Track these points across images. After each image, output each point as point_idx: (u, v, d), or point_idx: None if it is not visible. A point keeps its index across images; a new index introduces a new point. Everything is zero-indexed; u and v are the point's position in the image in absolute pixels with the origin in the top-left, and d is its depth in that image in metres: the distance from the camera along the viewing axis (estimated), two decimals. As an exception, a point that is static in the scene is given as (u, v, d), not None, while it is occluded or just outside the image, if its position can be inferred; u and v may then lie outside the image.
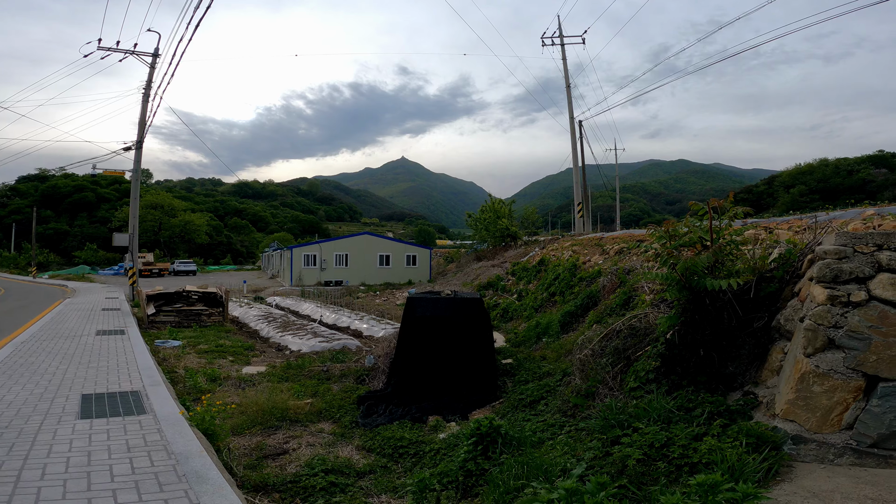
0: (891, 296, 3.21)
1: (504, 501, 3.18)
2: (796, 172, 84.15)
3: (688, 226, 4.89)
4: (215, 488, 3.34)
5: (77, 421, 4.70)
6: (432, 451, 5.08)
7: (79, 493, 3.10)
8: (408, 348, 7.50)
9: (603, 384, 5.37)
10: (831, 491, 3.02)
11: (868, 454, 3.27)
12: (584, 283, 12.71)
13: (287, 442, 5.78)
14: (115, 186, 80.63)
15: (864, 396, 3.25)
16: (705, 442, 3.43)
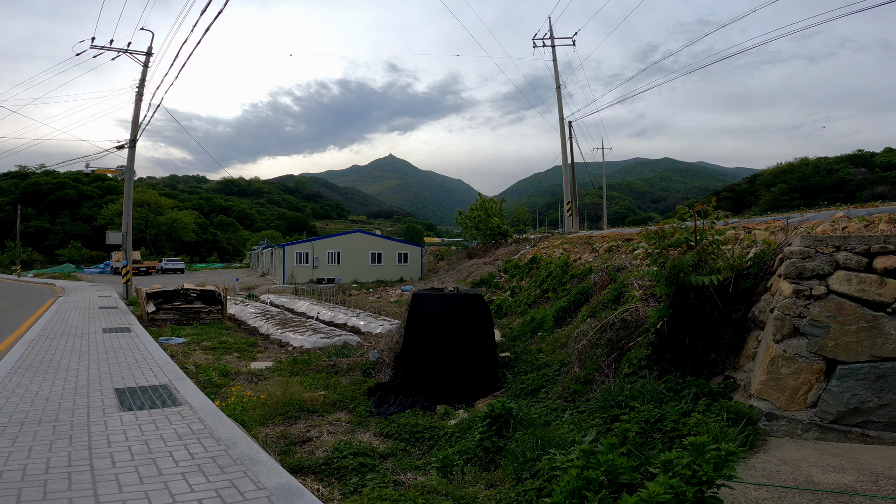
0: (846, 290, 3.78)
1: (524, 469, 3.68)
2: (777, 171, 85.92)
3: (674, 228, 5.45)
4: (269, 469, 3.79)
5: (121, 413, 5.08)
6: (446, 434, 5.57)
7: (153, 478, 3.51)
8: (414, 342, 7.98)
9: (599, 372, 5.92)
10: (799, 460, 3.59)
11: (830, 429, 3.84)
12: (576, 279, 13.30)
13: (309, 430, 6.22)
14: (98, 183, 79.40)
15: (826, 378, 3.82)
16: (693, 417, 3.98)
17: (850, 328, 3.70)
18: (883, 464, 3.43)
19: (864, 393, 3.68)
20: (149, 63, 19.02)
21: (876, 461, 3.48)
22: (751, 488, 3.20)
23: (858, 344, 3.68)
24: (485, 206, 31.97)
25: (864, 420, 3.73)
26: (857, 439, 3.76)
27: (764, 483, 3.26)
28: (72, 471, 3.58)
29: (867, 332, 3.65)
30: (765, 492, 3.16)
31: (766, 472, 3.43)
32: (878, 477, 3.23)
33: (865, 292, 3.71)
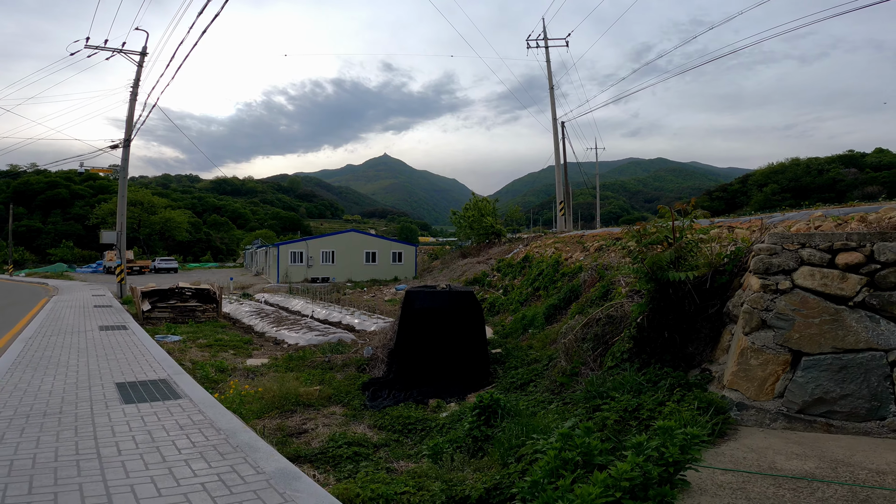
0: (810, 284, 4.03)
1: (509, 455, 3.91)
2: (769, 171, 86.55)
3: (655, 227, 5.70)
4: (268, 455, 3.99)
5: (123, 405, 5.26)
6: (438, 426, 5.79)
7: (158, 464, 3.70)
8: (407, 337, 8.19)
9: (585, 365, 6.17)
10: (765, 448, 3.83)
11: (796, 419, 4.09)
12: (567, 278, 13.56)
13: (305, 423, 6.42)
14: (90, 183, 79.00)
15: (791, 369, 4.07)
16: (668, 406, 4.22)
17: (814, 321, 3.95)
18: (843, 452, 3.68)
19: (828, 383, 3.93)
20: (143, 63, 19.09)
21: (837, 450, 3.73)
22: (718, 473, 3.44)
23: (822, 336, 3.93)
24: (478, 206, 32.21)
25: (828, 410, 3.98)
26: (822, 429, 4.01)
27: (730, 468, 3.50)
28: (80, 458, 3.76)
29: (830, 324, 3.91)
30: (730, 476, 3.39)
31: (734, 458, 3.67)
32: (836, 464, 3.47)
33: (828, 287, 3.96)
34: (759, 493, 3.10)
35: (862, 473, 3.30)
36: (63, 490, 3.20)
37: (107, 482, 3.35)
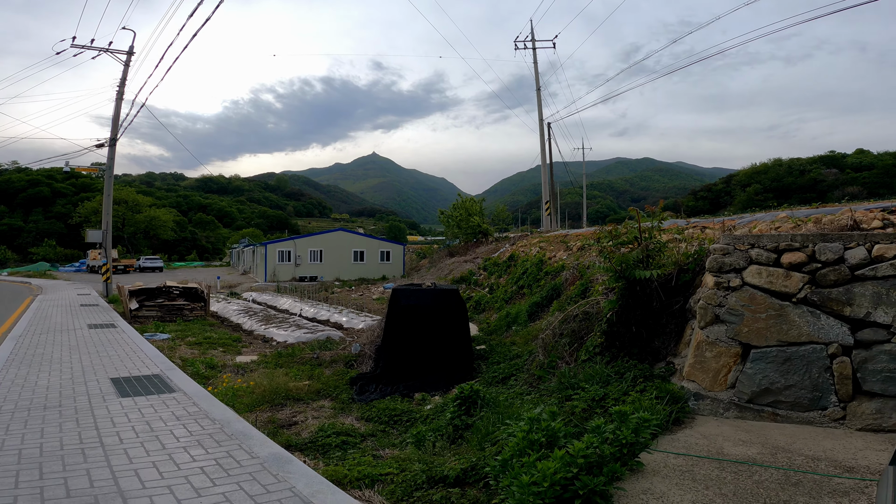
0: (758, 282, 4.42)
1: (486, 440, 4.24)
2: (752, 172, 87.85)
3: (626, 227, 6.08)
4: (261, 442, 4.28)
5: (120, 399, 5.49)
6: (422, 417, 6.12)
7: (158, 451, 3.96)
8: (394, 333, 8.50)
9: (561, 359, 6.53)
10: (716, 435, 4.21)
11: (746, 409, 4.47)
12: (550, 276, 13.96)
13: (295, 416, 6.70)
14: (72, 181, 77.77)
15: (742, 361, 4.46)
16: (631, 395, 4.60)
17: (761, 316, 4.34)
18: (785, 440, 4.06)
19: (774, 375, 4.32)
20: (130, 62, 19.07)
21: (780, 437, 4.11)
22: (671, 457, 3.81)
23: (768, 330, 4.32)
24: (466, 206, 32.56)
25: (774, 400, 4.37)
26: (769, 418, 4.39)
27: (682, 453, 3.87)
28: (84, 447, 4.01)
29: (775, 319, 4.30)
30: (682, 460, 3.76)
31: (687, 444, 4.04)
32: (777, 451, 3.85)
33: (773, 284, 4.35)
34: (704, 475, 3.46)
35: (798, 459, 3.67)
36: (72, 475, 3.45)
37: (112, 467, 3.61)
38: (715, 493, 3.18)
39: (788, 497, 3.10)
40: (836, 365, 4.12)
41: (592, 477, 2.92)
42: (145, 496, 3.15)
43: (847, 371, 4.10)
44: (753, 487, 3.25)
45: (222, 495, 3.22)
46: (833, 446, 3.87)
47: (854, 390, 4.11)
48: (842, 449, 3.81)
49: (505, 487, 2.94)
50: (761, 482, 3.34)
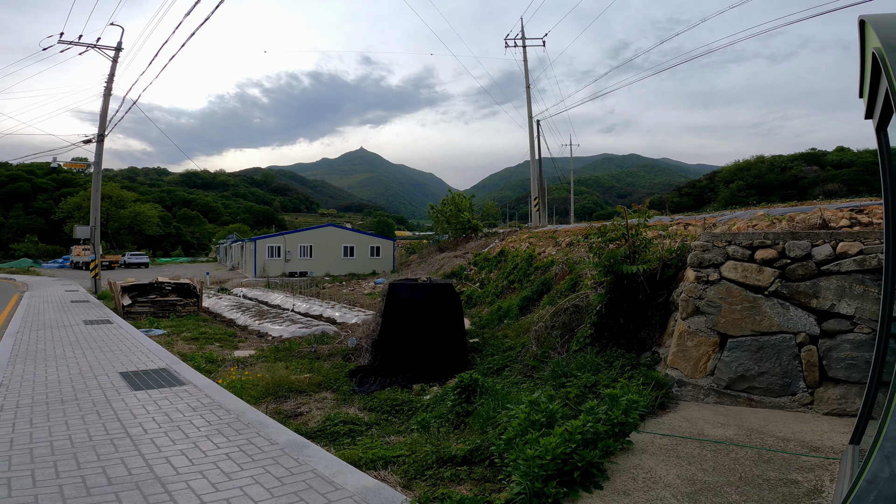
0: (734, 276, 4.82)
1: (487, 424, 4.58)
2: (735, 168, 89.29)
3: (614, 225, 6.46)
4: (277, 430, 4.57)
5: (134, 392, 5.72)
6: (423, 406, 6.44)
7: (183, 440, 4.23)
8: (391, 327, 8.80)
9: (553, 350, 6.91)
10: (697, 418, 4.60)
11: (724, 394, 4.87)
12: (540, 271, 14.37)
13: (299, 407, 6.97)
14: (53, 176, 76.28)
15: (720, 349, 4.86)
16: (619, 382, 4.98)
17: (737, 307, 4.74)
18: (759, 422, 4.45)
19: (748, 362, 4.72)
20: (118, 58, 18.92)
21: (754, 420, 4.51)
22: (657, 437, 4.19)
23: (743, 321, 4.72)
24: (455, 201, 32.87)
25: (749, 386, 4.77)
26: (745, 403, 4.80)
27: (667, 434, 4.25)
28: (112, 438, 4.26)
29: (749, 310, 4.70)
30: (667, 440, 4.13)
31: (671, 426, 4.43)
32: (751, 432, 4.25)
33: (748, 278, 4.75)
34: (687, 453, 3.84)
35: (770, 440, 4.07)
36: (108, 464, 3.71)
37: (144, 456, 3.88)
38: (697, 468, 3.57)
39: (761, 472, 3.48)
40: (803, 353, 4.53)
41: (589, 451, 3.28)
42: (181, 481, 3.43)
43: (814, 359, 4.52)
44: (730, 463, 3.64)
45: (251, 478, 3.51)
46: (801, 428, 4.28)
47: (820, 377, 4.53)
48: (809, 431, 4.22)
49: (511, 462, 3.28)
50: (737, 459, 3.73)
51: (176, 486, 3.30)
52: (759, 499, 3.08)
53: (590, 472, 3.22)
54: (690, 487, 3.27)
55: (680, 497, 3.15)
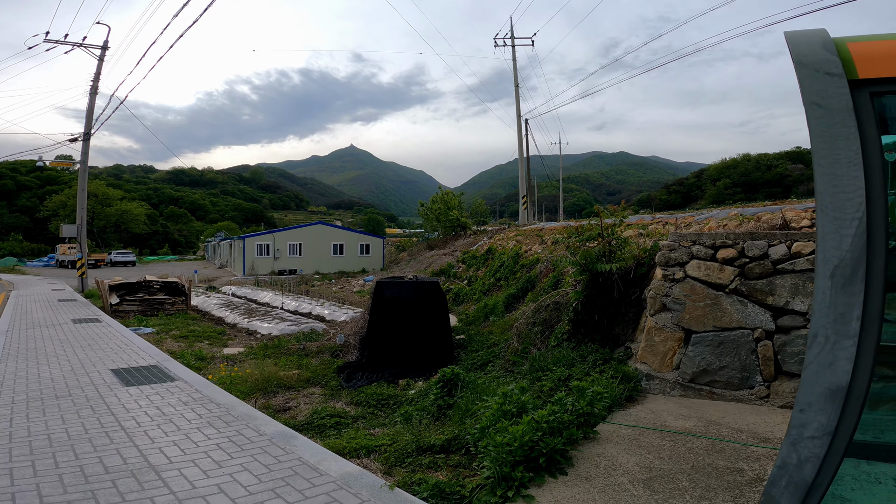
0: (697, 275, 5.13)
1: (466, 416, 4.85)
2: (722, 167, 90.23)
3: (590, 224, 6.75)
4: (266, 422, 4.79)
5: (126, 388, 5.90)
6: (408, 400, 6.70)
7: (175, 432, 4.43)
8: (378, 324, 9.04)
9: (533, 345, 7.20)
10: (662, 411, 4.90)
11: (689, 387, 5.18)
12: (525, 269, 14.68)
13: (287, 402, 7.19)
14: (37, 174, 75.17)
15: (685, 344, 5.17)
16: (591, 376, 5.27)
17: (700, 304, 5.05)
18: (718, 414, 4.76)
19: (710, 357, 5.03)
20: (104, 57, 18.85)
21: (714, 412, 4.81)
22: (622, 428, 4.48)
23: (705, 317, 5.03)
24: (445, 199, 33.10)
25: (711, 380, 5.08)
26: (707, 396, 5.11)
27: (632, 425, 4.55)
28: (107, 430, 4.45)
29: (711, 307, 5.01)
30: (631, 430, 4.43)
31: (637, 417, 4.72)
32: (709, 424, 4.55)
33: (710, 276, 5.06)
34: (648, 443, 4.13)
35: (726, 431, 4.37)
36: (104, 455, 3.90)
37: (138, 447, 4.08)
38: (654, 457, 3.86)
39: (712, 461, 3.78)
40: (760, 348, 4.85)
41: (554, 438, 3.55)
42: (174, 469, 3.65)
43: (769, 353, 4.84)
44: (685, 453, 3.93)
45: (240, 466, 3.73)
46: (756, 420, 4.59)
47: (776, 371, 4.86)
48: (763, 423, 4.54)
49: (483, 448, 3.55)
50: (692, 449, 4.02)
51: (169, 474, 3.52)
52: (707, 485, 3.37)
53: (554, 458, 3.49)
54: (647, 474, 3.55)
55: (636, 483, 3.43)
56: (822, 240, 1.82)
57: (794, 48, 2.08)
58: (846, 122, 1.84)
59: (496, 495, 3.20)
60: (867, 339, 1.86)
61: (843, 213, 1.78)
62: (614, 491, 3.34)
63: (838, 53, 2.02)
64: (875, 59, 2.00)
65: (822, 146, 1.84)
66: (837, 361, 1.86)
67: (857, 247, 1.76)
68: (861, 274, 1.77)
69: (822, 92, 1.93)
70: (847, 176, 1.80)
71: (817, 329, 1.86)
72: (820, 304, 1.86)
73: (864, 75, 1.98)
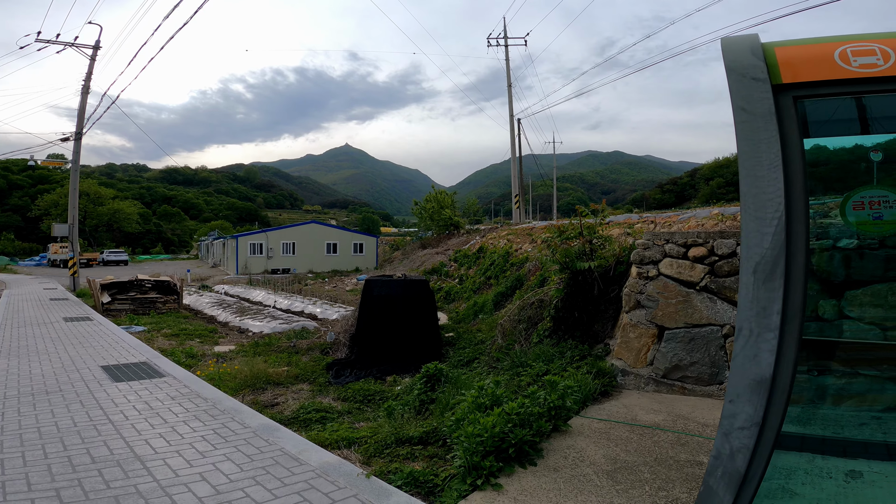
0: (670, 272, 5.31)
1: (446, 410, 5.00)
2: (715, 166, 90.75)
3: (571, 223, 6.93)
4: (251, 415, 4.93)
5: (115, 383, 6.02)
6: (394, 395, 6.84)
7: (162, 425, 4.56)
8: (367, 321, 9.18)
9: (517, 342, 7.37)
10: (634, 405, 5.06)
11: (662, 383, 5.35)
12: (515, 267, 14.86)
13: (276, 398, 7.32)
14: (29, 173, 74.73)
15: (658, 341, 5.34)
16: (569, 371, 5.44)
17: (672, 301, 5.23)
18: (687, 409, 4.92)
19: (682, 353, 5.21)
20: (96, 57, 18.85)
21: (683, 407, 4.97)
22: (595, 422, 4.64)
23: (677, 314, 5.21)
24: (438, 198, 33.25)
25: (683, 375, 5.25)
26: (679, 391, 5.27)
27: (604, 419, 4.71)
28: (95, 424, 4.58)
29: (682, 304, 5.19)
30: (602, 424, 4.59)
31: (610, 412, 4.88)
32: (678, 418, 4.71)
33: (682, 274, 5.24)
34: (617, 436, 4.30)
35: (692, 425, 4.53)
36: (91, 446, 4.03)
37: (125, 438, 4.21)
38: (622, 450, 4.02)
39: (675, 454, 3.94)
40: (728, 344, 5.03)
41: (523, 430, 3.72)
42: (159, 458, 3.79)
43: (738, 346, 5.02)
44: (651, 446, 4.10)
45: (223, 456, 3.88)
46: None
47: (745, 362, 5.04)
48: (730, 415, 4.72)
49: (456, 439, 3.71)
50: (658, 442, 4.18)
51: (154, 463, 3.65)
52: (667, 477, 3.54)
53: (524, 449, 3.65)
54: (612, 466, 3.72)
55: (600, 474, 3.59)
56: (746, 238, 1.99)
57: (725, 54, 2.20)
58: (768, 126, 1.99)
59: (466, 483, 3.36)
60: (789, 333, 2.01)
61: (764, 213, 1.94)
62: (579, 481, 3.50)
63: (765, 59, 2.13)
64: (798, 64, 2.12)
65: (745, 149, 1.99)
66: (761, 353, 2.01)
67: (777, 245, 1.92)
68: (780, 270, 1.93)
69: (747, 97, 2.07)
70: (768, 178, 1.95)
71: (742, 322, 2.02)
72: (744, 299, 2.02)
73: (788, 80, 2.11)
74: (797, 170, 1.97)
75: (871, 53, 2.08)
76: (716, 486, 2.20)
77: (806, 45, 2.24)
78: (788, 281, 1.93)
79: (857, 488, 3.06)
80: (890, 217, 3.20)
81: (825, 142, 3.52)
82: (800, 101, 2.08)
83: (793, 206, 1.95)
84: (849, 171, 3.67)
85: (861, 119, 3.10)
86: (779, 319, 1.94)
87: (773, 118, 1.98)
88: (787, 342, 1.97)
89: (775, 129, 1.96)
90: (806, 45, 2.24)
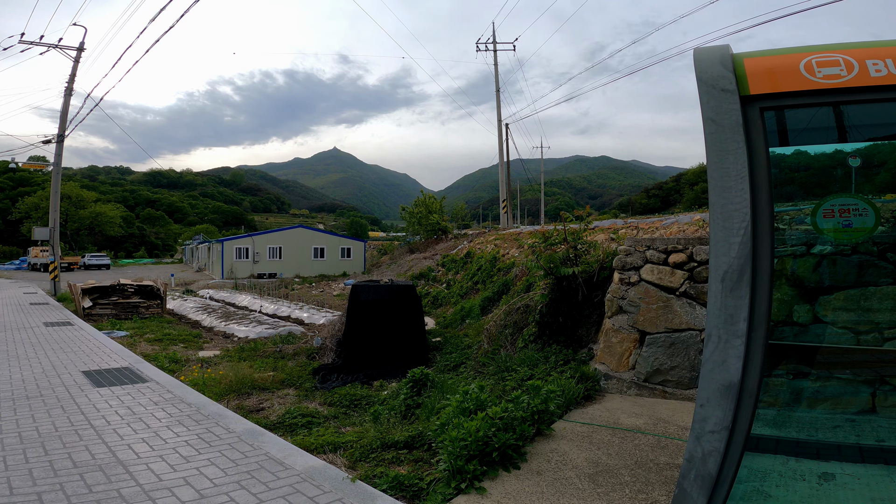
0: (651, 278, 5.44)
1: (432, 414, 5.05)
2: (700, 171, 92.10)
3: (555, 229, 7.04)
4: (235, 420, 4.92)
5: (97, 388, 5.95)
6: (380, 400, 6.85)
7: (145, 430, 4.53)
8: (354, 327, 9.18)
9: (503, 347, 7.44)
10: (616, 409, 5.16)
11: (643, 387, 5.45)
12: (502, 272, 14.97)
13: (261, 403, 7.28)
14: (9, 175, 73.18)
15: (640, 345, 5.46)
16: (553, 376, 5.52)
17: (653, 307, 5.35)
18: (668, 413, 5.03)
19: (662, 357, 5.33)
20: (80, 59, 18.63)
21: (664, 411, 5.08)
22: (577, 425, 4.73)
23: (658, 319, 5.33)
24: (426, 203, 33.31)
25: (664, 379, 5.37)
26: (660, 395, 5.38)
27: (587, 422, 4.80)
28: (76, 428, 4.54)
29: (663, 309, 5.31)
30: (585, 428, 4.67)
31: (592, 416, 4.97)
32: (658, 421, 4.81)
33: (662, 280, 5.37)
34: (599, 439, 4.38)
35: (672, 428, 4.64)
36: (73, 450, 4.00)
37: (107, 443, 4.18)
38: (603, 453, 4.11)
39: (655, 456, 4.04)
40: (708, 345, 5.17)
41: (506, 434, 3.78)
42: (142, 463, 3.77)
43: (717, 350, 5.15)
44: (632, 449, 4.19)
45: (207, 460, 3.88)
46: (703, 415, 4.88)
47: (724, 366, 5.17)
48: (710, 416, 4.83)
49: (440, 443, 3.76)
50: (639, 445, 4.27)
51: (137, 468, 3.64)
52: (646, 480, 3.63)
53: (507, 453, 3.72)
54: (593, 469, 3.80)
55: (582, 477, 3.67)
56: (714, 247, 2.08)
57: (697, 65, 2.25)
58: (735, 138, 2.07)
59: (450, 487, 3.41)
60: (755, 339, 2.09)
61: (731, 223, 2.03)
62: (561, 484, 3.57)
63: (734, 70, 2.19)
64: (766, 75, 2.17)
65: (714, 160, 2.08)
66: (729, 359, 2.10)
67: (744, 254, 2.01)
68: (747, 278, 2.03)
69: (716, 108, 2.14)
70: (735, 189, 2.04)
71: (711, 329, 2.10)
72: (712, 307, 2.10)
73: (756, 91, 2.17)
74: (763, 181, 2.06)
75: (836, 64, 2.10)
76: (690, 488, 2.27)
77: (774, 55, 2.29)
78: (755, 289, 2.02)
79: (830, 490, 3.15)
80: (859, 225, 3.30)
81: (805, 148, 3.61)
82: (767, 112, 2.16)
83: (759, 216, 2.04)
84: (829, 176, 3.77)
85: (839, 127, 3.16)
86: (746, 326, 2.03)
87: (740, 129, 2.05)
88: (754, 348, 2.06)
89: (742, 140, 2.04)
90: (774, 55, 2.29)
